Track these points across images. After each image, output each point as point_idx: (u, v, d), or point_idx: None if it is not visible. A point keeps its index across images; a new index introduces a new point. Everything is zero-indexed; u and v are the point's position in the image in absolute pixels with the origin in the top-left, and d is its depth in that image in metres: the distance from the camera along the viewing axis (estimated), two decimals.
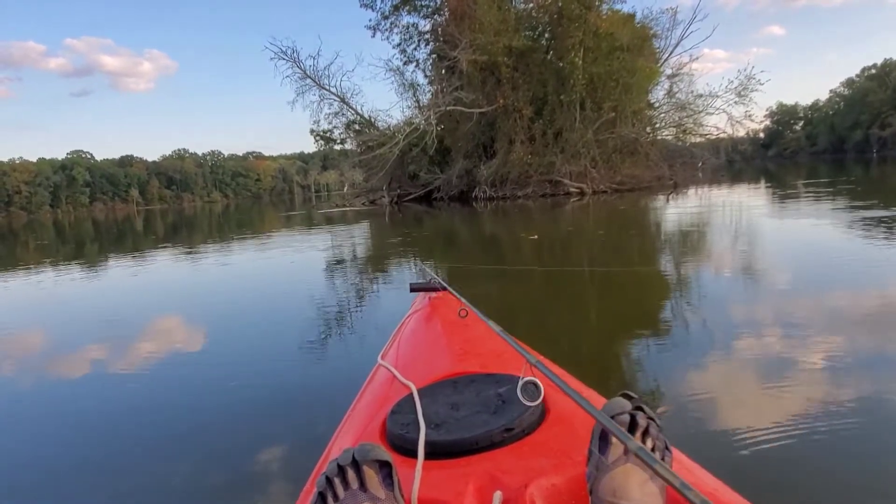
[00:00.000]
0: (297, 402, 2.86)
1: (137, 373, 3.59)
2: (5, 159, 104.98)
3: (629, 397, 0.77)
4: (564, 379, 1.02)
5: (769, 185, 20.71)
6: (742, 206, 12.65)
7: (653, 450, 0.73)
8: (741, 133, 26.21)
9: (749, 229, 8.59)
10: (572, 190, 21.19)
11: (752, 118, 24.88)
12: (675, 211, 12.94)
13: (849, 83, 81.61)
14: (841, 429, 2.00)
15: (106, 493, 2.09)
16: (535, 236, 9.77)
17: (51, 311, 6.21)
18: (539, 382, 0.95)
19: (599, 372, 2.88)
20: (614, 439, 0.71)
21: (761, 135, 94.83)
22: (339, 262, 8.51)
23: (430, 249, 9.45)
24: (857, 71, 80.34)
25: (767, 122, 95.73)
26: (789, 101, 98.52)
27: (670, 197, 16.84)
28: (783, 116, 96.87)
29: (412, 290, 2.05)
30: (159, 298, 6.50)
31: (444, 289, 1.92)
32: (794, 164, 49.05)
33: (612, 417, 0.73)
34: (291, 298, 5.72)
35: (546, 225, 12.37)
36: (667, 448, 0.75)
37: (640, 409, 0.75)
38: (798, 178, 22.53)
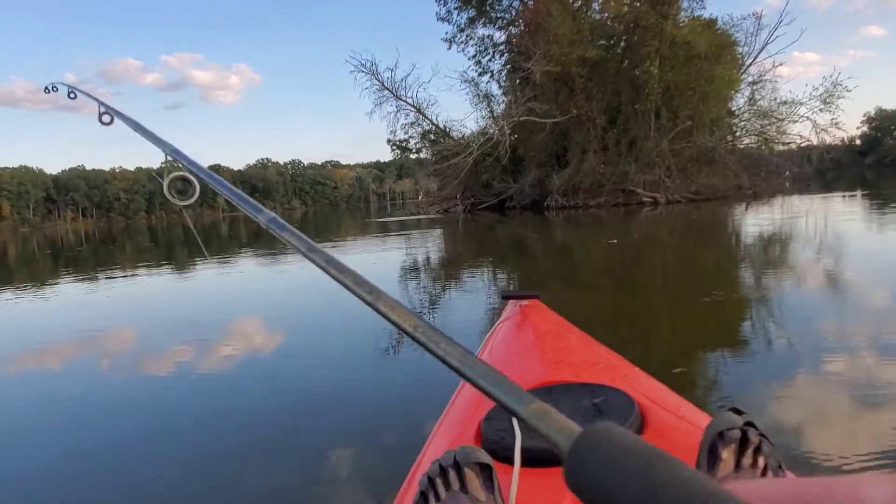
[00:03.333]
0: (390, 405, 2.91)
1: (226, 373, 3.74)
2: (107, 168, 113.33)
3: (739, 412, 0.73)
4: (661, 392, 1.13)
5: (864, 193, 19.66)
6: (826, 215, 12.30)
7: (765, 469, 0.69)
8: (827, 141, 24.90)
9: (828, 241, 8.47)
10: (645, 199, 20.99)
11: (838, 126, 23.73)
12: (752, 221, 12.73)
13: None
14: None
15: (193, 491, 2.21)
16: (615, 241, 10.17)
17: (142, 311, 6.61)
18: (192, 178, 0.94)
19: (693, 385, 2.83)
20: (724, 454, 0.68)
21: (858, 141, 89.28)
22: (418, 268, 8.89)
23: (505, 257, 9.81)
24: None
25: (865, 129, 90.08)
26: (889, 106, 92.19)
27: (749, 207, 16.46)
28: (882, 122, 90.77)
29: (504, 297, 2.05)
30: (243, 303, 6.75)
31: (535, 297, 1.92)
32: (895, 173, 46.01)
33: (722, 433, 0.70)
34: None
35: (619, 233, 12.49)
36: (780, 468, 0.71)
37: (751, 424, 0.71)
38: None
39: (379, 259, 10.76)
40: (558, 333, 1.61)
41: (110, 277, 10.28)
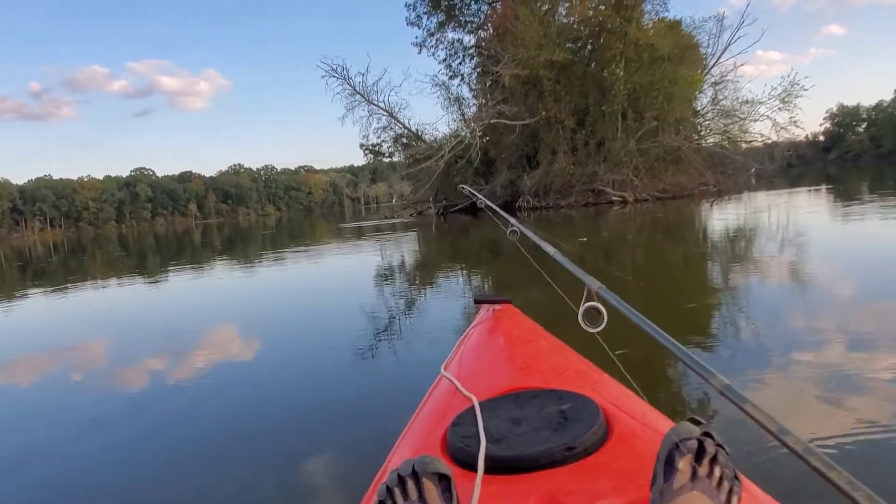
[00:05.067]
0: (359, 410, 2.91)
1: (196, 382, 3.70)
2: (75, 177, 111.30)
3: (697, 422, 0.74)
4: (628, 399, 1.15)
5: (828, 188, 20.38)
6: (787, 210, 12.82)
7: (721, 478, 0.70)
8: (787, 138, 25.74)
9: (789, 234, 8.87)
10: (614, 199, 21.47)
11: (797, 124, 24.58)
12: (717, 217, 13.18)
13: None
14: None
15: (160, 501, 2.21)
16: (585, 239, 10.52)
17: (115, 320, 6.59)
18: (602, 308, 0.96)
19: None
20: (681, 465, 0.70)
21: (821, 138, 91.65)
22: (392, 272, 9.01)
23: (478, 259, 10.04)
24: None
25: (828, 125, 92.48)
26: (850, 103, 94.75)
27: (714, 204, 16.98)
28: (844, 118, 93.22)
29: (476, 301, 2.04)
30: (219, 309, 6.77)
31: (508, 301, 1.91)
32: (857, 168, 47.31)
33: (679, 443, 0.71)
34: (349, 309, 5.83)
35: (588, 232, 12.82)
36: (736, 477, 0.72)
37: (708, 434, 0.72)
38: (862, 183, 21.90)
39: (353, 263, 10.93)
40: (529, 339, 1.61)
41: (81, 288, 10.28)
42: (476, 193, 5.31)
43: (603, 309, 1.00)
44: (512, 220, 2.20)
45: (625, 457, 0.89)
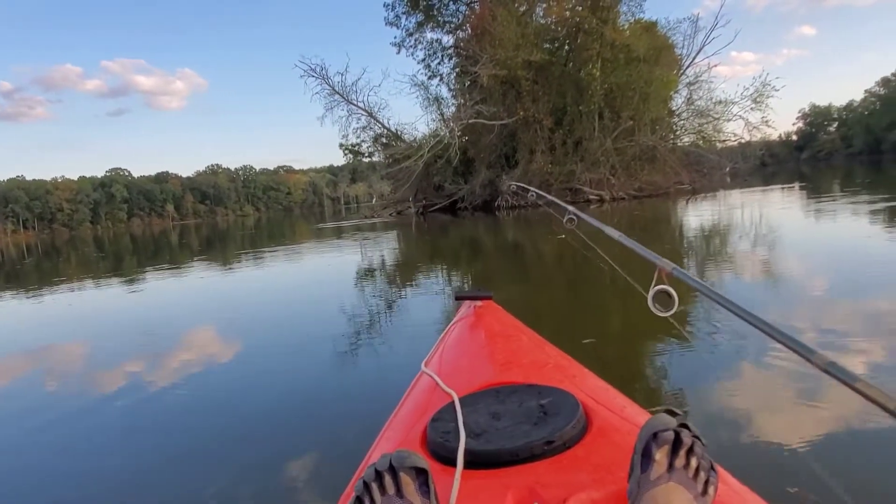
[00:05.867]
0: (338, 409, 2.91)
1: (176, 383, 3.66)
2: (48, 178, 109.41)
3: (673, 413, 0.75)
4: (607, 393, 1.16)
5: (801, 186, 20.88)
6: (759, 207, 13.14)
7: (697, 469, 0.71)
8: (759, 138, 26.32)
9: (760, 230, 9.13)
10: (592, 197, 21.74)
11: (768, 124, 25.15)
12: (691, 214, 13.46)
13: (884, 83, 79.48)
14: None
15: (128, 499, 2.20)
16: (563, 236, 10.72)
17: (91, 323, 6.51)
18: (672, 291, 0.97)
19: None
20: (657, 456, 0.71)
21: (794, 137, 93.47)
22: (372, 271, 9.01)
23: (458, 257, 10.14)
24: (894, 70, 78.42)
25: (800, 125, 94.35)
26: (823, 103, 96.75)
27: (689, 202, 17.31)
28: (816, 118, 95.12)
29: (457, 298, 2.05)
30: (197, 311, 6.73)
31: (489, 297, 1.93)
32: (829, 167, 48.24)
33: (656, 434, 0.72)
34: (329, 308, 5.82)
35: (567, 230, 12.99)
36: (712, 468, 0.73)
37: (684, 426, 0.73)
38: (833, 181, 22.40)
39: (333, 262, 10.99)
40: (510, 335, 1.63)
41: (56, 291, 10.19)
42: (527, 186, 5.40)
43: (673, 292, 0.99)
44: (569, 209, 2.19)
45: (603, 450, 0.91)
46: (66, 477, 2.50)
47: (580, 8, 23.50)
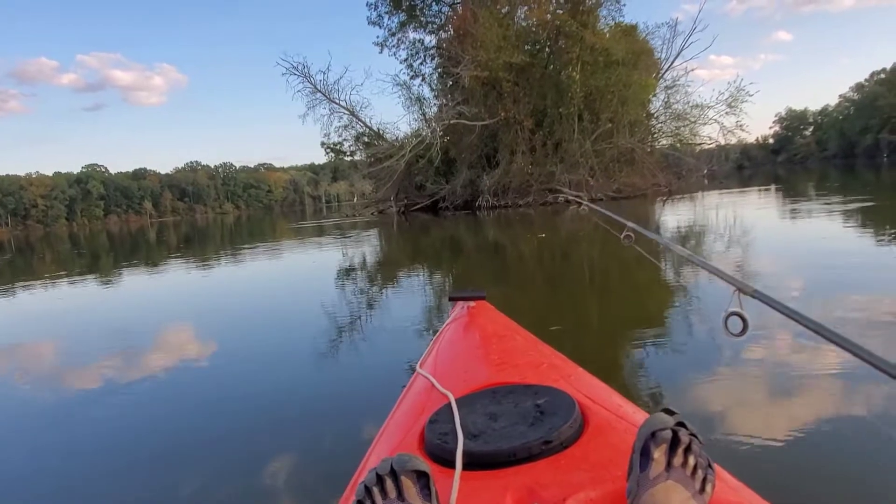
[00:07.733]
0: (335, 411, 2.89)
1: (155, 384, 3.61)
2: (22, 174, 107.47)
3: (671, 412, 0.76)
4: (603, 392, 1.16)
5: (777, 188, 21.36)
6: (732, 206, 13.48)
7: (695, 467, 0.72)
8: (733, 141, 26.92)
9: (734, 229, 9.41)
10: (570, 199, 22.04)
11: (743, 128, 25.76)
12: (666, 215, 13.77)
13: (858, 88, 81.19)
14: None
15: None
16: (543, 235, 10.93)
17: (68, 322, 6.36)
18: (746, 315, 0.96)
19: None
20: (656, 455, 0.71)
21: (771, 140, 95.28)
22: (357, 271, 8.98)
23: (441, 256, 10.27)
24: (867, 75, 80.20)
25: (777, 128, 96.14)
26: (799, 107, 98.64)
27: (665, 203, 17.66)
28: (792, 122, 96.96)
29: (451, 298, 2.03)
30: (178, 309, 6.64)
31: (482, 297, 1.92)
32: (805, 170, 49.21)
33: (654, 433, 0.73)
34: (318, 309, 5.71)
35: (546, 229, 13.24)
36: (709, 466, 0.74)
37: (682, 424, 0.74)
38: (808, 183, 22.94)
39: (316, 261, 11.04)
40: (504, 335, 1.62)
41: (30, 288, 10.15)
42: (582, 200, 5.39)
43: (746, 315, 0.98)
44: (629, 224, 1.99)
45: (601, 449, 0.90)
46: (38, 479, 2.44)
47: (561, 11, 23.87)
